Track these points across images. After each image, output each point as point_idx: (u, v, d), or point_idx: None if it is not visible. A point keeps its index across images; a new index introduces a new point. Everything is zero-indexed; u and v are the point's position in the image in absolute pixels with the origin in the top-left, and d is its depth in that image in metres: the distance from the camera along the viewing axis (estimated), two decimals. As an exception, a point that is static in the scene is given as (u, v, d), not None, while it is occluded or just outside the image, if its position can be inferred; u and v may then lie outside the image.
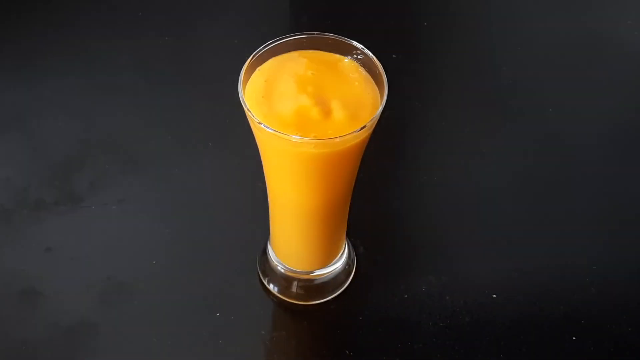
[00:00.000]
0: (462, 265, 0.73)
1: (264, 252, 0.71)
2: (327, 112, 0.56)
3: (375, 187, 0.78)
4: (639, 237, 0.76)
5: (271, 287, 0.71)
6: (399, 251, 0.74)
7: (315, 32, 0.60)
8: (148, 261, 0.72)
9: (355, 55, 0.60)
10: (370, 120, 0.56)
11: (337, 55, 0.60)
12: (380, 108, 0.57)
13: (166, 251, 0.73)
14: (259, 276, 0.71)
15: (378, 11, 0.94)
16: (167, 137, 0.81)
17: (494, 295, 0.71)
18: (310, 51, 0.60)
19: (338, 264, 0.70)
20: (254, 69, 0.59)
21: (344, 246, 0.71)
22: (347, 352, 0.67)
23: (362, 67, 0.60)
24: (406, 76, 0.86)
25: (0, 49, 0.88)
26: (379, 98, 0.58)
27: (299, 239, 0.68)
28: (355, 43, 0.59)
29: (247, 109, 0.56)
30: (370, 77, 0.59)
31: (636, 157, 0.82)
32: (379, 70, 0.59)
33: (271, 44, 0.59)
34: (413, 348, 0.68)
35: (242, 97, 0.57)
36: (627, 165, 0.82)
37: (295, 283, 0.70)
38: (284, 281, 0.70)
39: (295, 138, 0.55)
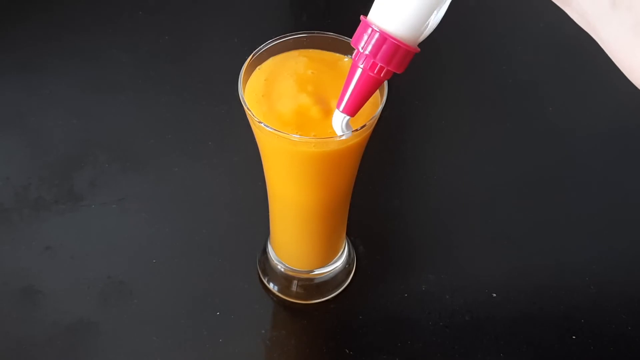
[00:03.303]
0: (462, 264, 0.73)
1: (264, 251, 0.71)
2: (327, 111, 0.56)
3: (375, 187, 0.78)
4: (638, 237, 0.76)
5: (271, 286, 0.71)
6: (399, 250, 0.74)
7: (315, 31, 0.60)
8: (148, 260, 0.72)
9: (355, 54, 0.60)
10: (370, 120, 0.56)
11: (337, 54, 0.60)
12: (380, 107, 0.57)
13: (166, 250, 0.73)
14: (259, 275, 0.71)
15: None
16: (167, 136, 0.81)
17: (494, 295, 0.71)
18: (310, 50, 0.60)
19: (338, 263, 0.70)
20: (254, 68, 0.59)
21: (344, 245, 0.71)
22: (347, 351, 0.67)
23: (362, 66, 0.60)
24: (406, 75, 0.86)
25: (0, 48, 0.88)
26: (379, 97, 0.58)
27: (299, 238, 0.68)
28: (355, 42, 0.59)
29: (247, 108, 0.56)
30: (370, 76, 0.59)
31: (636, 156, 0.82)
32: (378, 70, 0.58)
33: (271, 43, 0.59)
34: (413, 347, 0.68)
35: (242, 96, 0.57)
36: (627, 164, 0.82)
37: (295, 282, 0.70)
38: (284, 280, 0.70)
39: (295, 137, 0.55)
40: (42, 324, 0.68)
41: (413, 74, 0.88)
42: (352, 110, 0.51)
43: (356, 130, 0.55)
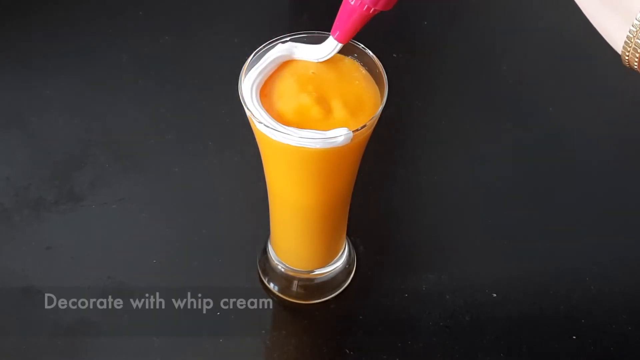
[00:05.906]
0: (462, 264, 0.73)
1: (264, 251, 0.71)
2: (327, 111, 0.56)
3: (375, 187, 0.78)
4: (638, 237, 0.76)
5: (271, 286, 0.71)
6: (399, 250, 0.74)
7: (315, 31, 0.60)
8: (148, 261, 0.72)
9: (355, 55, 0.60)
10: (371, 119, 0.56)
11: (338, 54, 0.60)
12: (381, 107, 0.57)
13: (166, 250, 0.73)
14: (259, 275, 0.71)
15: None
16: (167, 136, 0.81)
17: (494, 295, 0.71)
18: (311, 50, 0.60)
19: (338, 264, 0.70)
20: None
21: (344, 245, 0.71)
22: (347, 351, 0.67)
23: (362, 66, 0.60)
24: (406, 75, 0.86)
25: (0, 48, 0.88)
26: (379, 97, 0.58)
27: (299, 238, 0.68)
28: (355, 42, 0.59)
29: (247, 108, 0.56)
30: (370, 76, 0.59)
31: (636, 156, 0.82)
32: (379, 70, 0.59)
33: (271, 43, 0.59)
34: (413, 347, 0.68)
35: (242, 96, 0.57)
36: (627, 164, 0.81)
37: (295, 282, 0.70)
38: (284, 280, 0.70)
39: (295, 137, 0.55)
40: (42, 324, 0.68)
41: (413, 73, 0.88)
42: (346, 39, 0.58)
43: (356, 130, 0.55)
